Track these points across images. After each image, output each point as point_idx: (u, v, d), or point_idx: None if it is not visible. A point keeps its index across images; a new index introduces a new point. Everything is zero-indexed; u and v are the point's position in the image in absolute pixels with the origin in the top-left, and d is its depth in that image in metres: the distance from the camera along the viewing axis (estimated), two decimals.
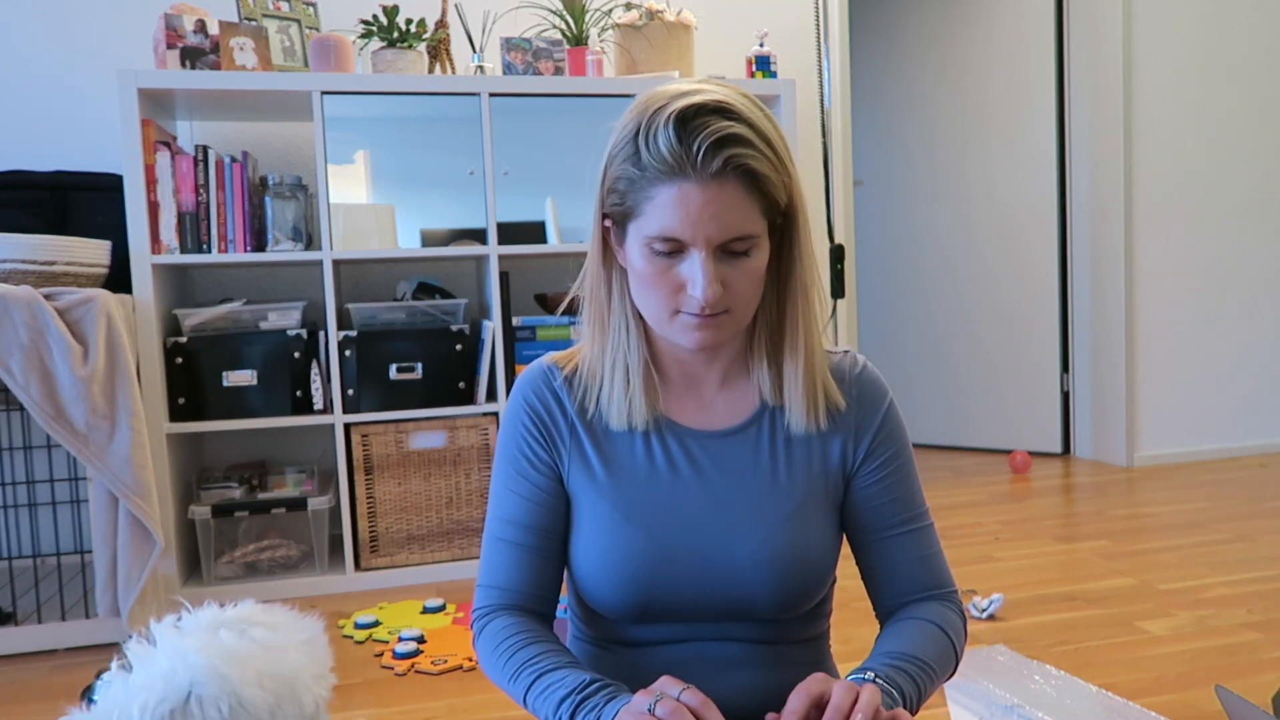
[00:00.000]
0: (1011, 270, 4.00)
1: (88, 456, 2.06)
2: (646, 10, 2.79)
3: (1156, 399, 3.77)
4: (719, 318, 0.88)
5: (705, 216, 0.82)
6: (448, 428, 2.59)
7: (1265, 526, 2.83)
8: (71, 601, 2.25)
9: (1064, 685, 1.79)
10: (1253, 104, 3.80)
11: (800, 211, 0.90)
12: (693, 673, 0.93)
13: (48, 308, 2.04)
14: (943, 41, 4.09)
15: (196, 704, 0.73)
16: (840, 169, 3.38)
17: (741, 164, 0.82)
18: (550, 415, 0.97)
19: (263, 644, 0.77)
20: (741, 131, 0.83)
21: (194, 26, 2.45)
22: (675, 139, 0.82)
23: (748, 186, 0.83)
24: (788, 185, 0.88)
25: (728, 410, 0.97)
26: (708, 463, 0.95)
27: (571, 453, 0.96)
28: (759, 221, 0.86)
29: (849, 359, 1.01)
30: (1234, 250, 3.83)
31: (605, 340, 0.95)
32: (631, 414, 0.95)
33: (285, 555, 2.56)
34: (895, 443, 0.99)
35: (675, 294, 0.87)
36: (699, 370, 0.98)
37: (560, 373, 0.98)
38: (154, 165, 2.39)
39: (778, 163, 0.85)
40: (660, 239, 0.85)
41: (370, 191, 2.60)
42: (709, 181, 0.82)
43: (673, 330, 0.89)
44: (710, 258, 0.84)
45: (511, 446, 0.99)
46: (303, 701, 0.79)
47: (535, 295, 2.90)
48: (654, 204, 0.84)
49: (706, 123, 0.82)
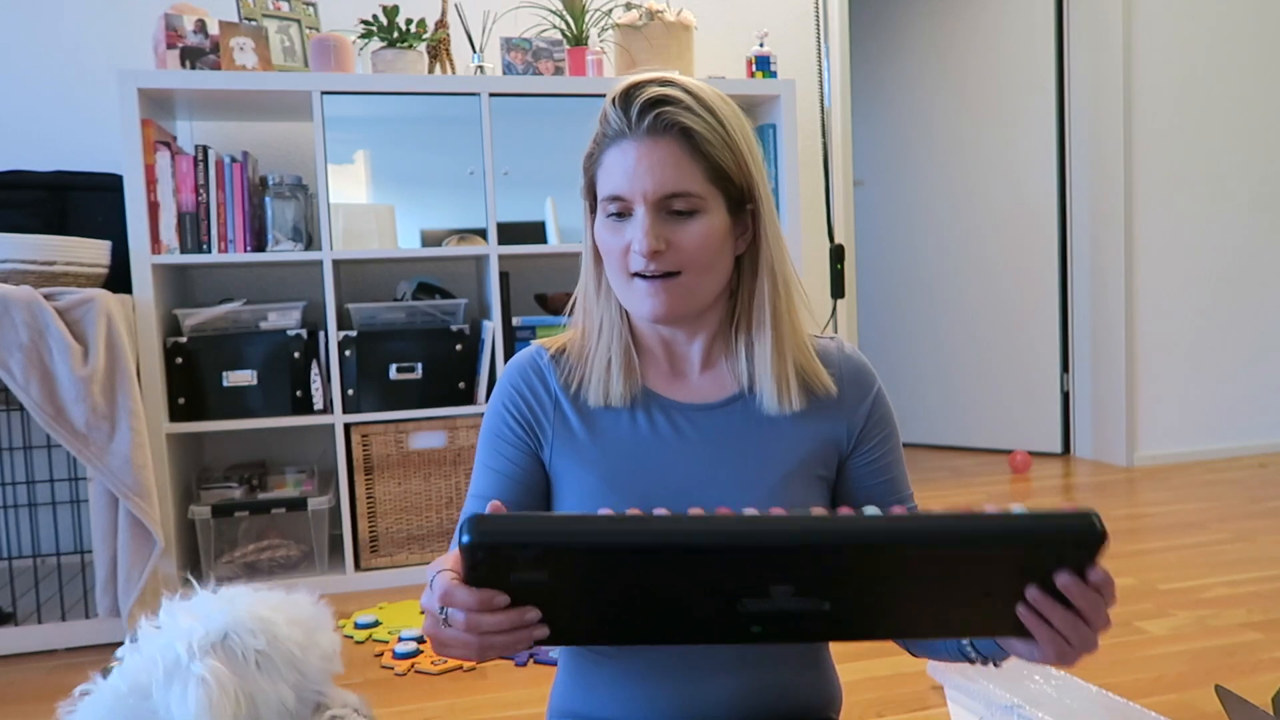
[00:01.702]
0: (1011, 270, 4.00)
1: (88, 456, 2.06)
2: (646, 10, 2.79)
3: (1156, 399, 3.77)
4: (671, 281, 0.90)
5: (640, 170, 0.88)
6: (448, 428, 2.59)
7: (1265, 526, 2.83)
8: (71, 601, 2.25)
9: (1064, 685, 1.78)
10: (1253, 104, 3.80)
11: (764, 199, 0.94)
12: (687, 675, 0.92)
13: (48, 308, 2.04)
14: (943, 41, 4.09)
15: (236, 636, 0.83)
16: (840, 169, 3.38)
17: (674, 121, 0.87)
18: (534, 394, 0.98)
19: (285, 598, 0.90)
20: (676, 94, 0.89)
21: (194, 26, 2.45)
22: (619, 107, 0.89)
23: (685, 146, 0.88)
24: (740, 168, 0.91)
25: (712, 388, 0.99)
26: (693, 433, 0.96)
27: (556, 428, 0.97)
28: (701, 183, 0.89)
29: (835, 344, 1.02)
30: (1234, 250, 3.83)
31: (591, 324, 0.98)
32: (614, 390, 0.96)
33: (285, 555, 2.56)
34: (886, 425, 1.01)
35: (625, 255, 0.91)
36: (680, 352, 0.99)
37: (547, 353, 1.00)
38: (154, 165, 2.39)
39: (725, 135, 0.90)
40: (609, 199, 0.91)
41: (370, 191, 2.60)
42: (644, 138, 0.88)
43: (631, 298, 0.92)
44: (650, 212, 0.89)
45: (492, 426, 1.00)
46: (323, 644, 0.89)
47: (535, 295, 2.90)
48: (604, 169, 0.91)
49: (645, 90, 0.89)
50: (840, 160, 3.38)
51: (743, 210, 0.94)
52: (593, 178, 0.94)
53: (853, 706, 1.73)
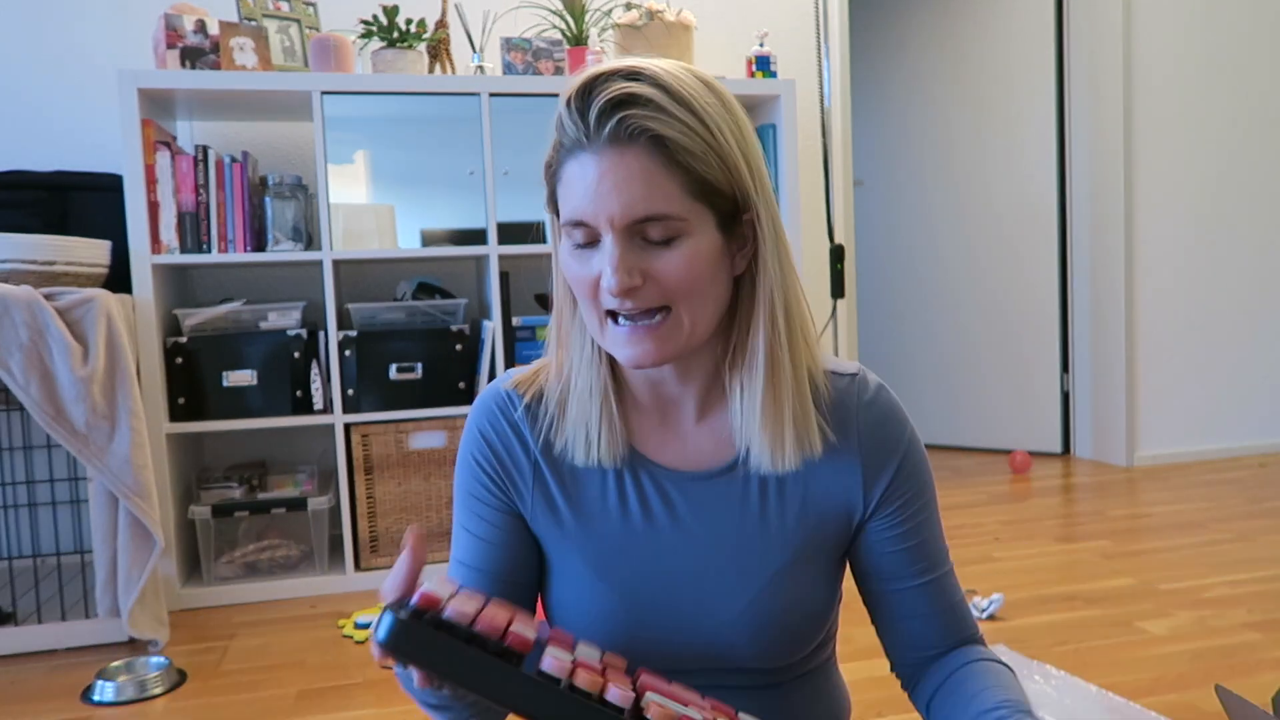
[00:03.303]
0: (1011, 270, 4.01)
1: (88, 456, 2.06)
2: (646, 10, 2.79)
3: (1156, 399, 3.77)
4: (657, 322, 0.74)
5: (603, 190, 0.71)
6: (448, 428, 2.59)
7: (1265, 526, 2.83)
8: (71, 601, 2.25)
9: (1064, 685, 1.78)
10: (1253, 104, 3.80)
11: (765, 210, 0.77)
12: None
13: (48, 308, 2.04)
14: (943, 41, 4.09)
15: None
16: (840, 169, 3.38)
17: (641, 127, 0.70)
18: (509, 453, 0.85)
19: None
20: (644, 91, 0.71)
21: (194, 26, 2.45)
22: (576, 109, 0.72)
23: (658, 156, 0.71)
24: (731, 170, 0.74)
25: (710, 447, 0.84)
26: (686, 510, 0.83)
27: (535, 493, 0.85)
28: (681, 201, 0.72)
29: (858, 384, 0.85)
30: (1234, 250, 3.83)
31: (567, 361, 0.84)
32: (598, 451, 0.82)
33: (285, 555, 2.56)
34: (915, 484, 0.85)
35: (596, 293, 0.75)
36: (672, 399, 0.84)
37: (521, 401, 0.85)
38: (154, 165, 2.39)
39: (708, 138, 0.72)
40: (570, 224, 0.74)
41: (370, 191, 2.60)
42: (605, 149, 0.71)
43: (608, 342, 0.77)
44: (619, 241, 0.72)
45: (466, 484, 0.87)
46: None
47: (535, 295, 2.90)
48: (563, 186, 0.74)
49: (606, 87, 0.71)
50: (840, 160, 3.38)
51: (737, 222, 0.77)
52: (550, 191, 0.77)
53: (854, 706, 1.73)
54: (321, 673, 1.99)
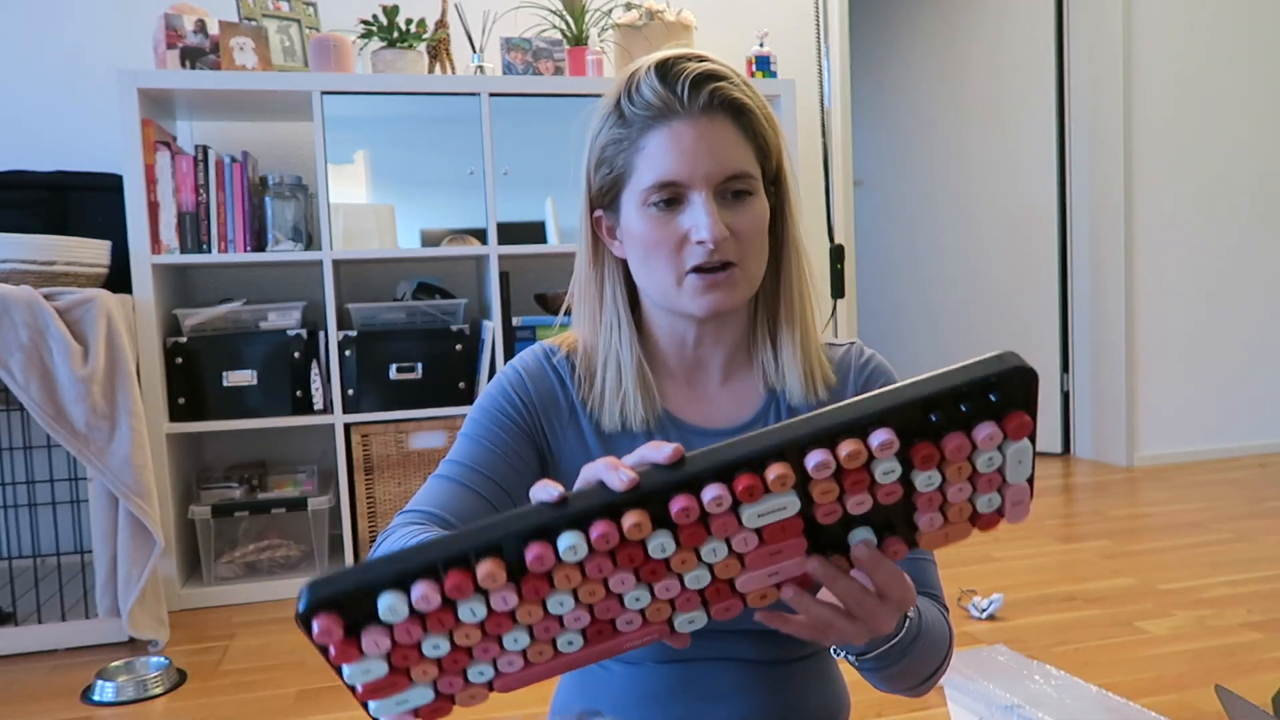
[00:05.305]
0: (1011, 270, 4.01)
1: (88, 456, 2.06)
2: (646, 10, 2.80)
3: (1156, 399, 3.77)
4: (729, 273, 0.83)
5: (700, 152, 0.81)
6: (448, 428, 2.59)
7: (1265, 526, 2.83)
8: (71, 601, 2.25)
9: (1064, 685, 1.78)
10: (1253, 104, 3.80)
11: (789, 175, 0.89)
12: (688, 700, 0.88)
13: (48, 308, 2.04)
14: (943, 41, 4.09)
15: None
16: (840, 169, 3.38)
17: (727, 97, 0.82)
18: (550, 391, 0.90)
19: None
20: (721, 69, 0.83)
21: (194, 26, 2.45)
22: (659, 83, 0.81)
23: (737, 123, 0.83)
24: (775, 143, 0.86)
25: (734, 406, 0.91)
26: None
27: (568, 434, 0.89)
28: (753, 163, 0.84)
29: (855, 350, 0.95)
30: (1234, 250, 3.83)
31: (597, 338, 0.90)
32: (628, 414, 0.88)
33: (285, 555, 2.56)
34: None
35: (680, 250, 0.83)
36: (700, 362, 0.91)
37: (559, 352, 0.92)
38: (154, 165, 2.39)
39: (766, 111, 0.85)
40: (657, 187, 0.82)
41: (370, 191, 2.60)
42: (699, 117, 0.81)
43: (682, 299, 0.84)
44: (711, 197, 0.81)
45: (493, 404, 0.89)
46: None
47: (535, 295, 2.90)
48: (645, 154, 0.82)
49: (686, 66, 0.82)
50: (840, 160, 3.38)
51: (773, 184, 0.88)
52: (620, 166, 0.84)
53: (853, 706, 1.73)
54: (321, 673, 1.99)
